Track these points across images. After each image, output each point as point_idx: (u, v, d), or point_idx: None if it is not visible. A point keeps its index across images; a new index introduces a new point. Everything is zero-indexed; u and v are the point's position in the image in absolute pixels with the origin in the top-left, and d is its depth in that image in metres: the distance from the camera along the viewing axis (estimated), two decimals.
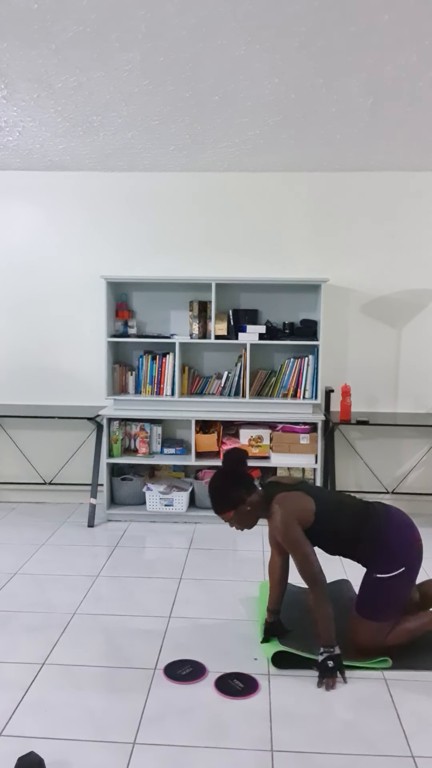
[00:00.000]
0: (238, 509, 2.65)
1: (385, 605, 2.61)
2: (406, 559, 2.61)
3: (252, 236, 4.66)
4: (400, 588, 2.61)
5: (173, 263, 4.70)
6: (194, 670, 2.59)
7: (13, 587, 3.38)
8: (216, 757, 2.10)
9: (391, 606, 2.61)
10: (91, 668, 2.61)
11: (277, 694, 2.45)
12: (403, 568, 2.59)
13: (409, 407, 4.71)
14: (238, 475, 2.71)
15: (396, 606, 2.62)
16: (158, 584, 3.43)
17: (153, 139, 3.85)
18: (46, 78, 2.95)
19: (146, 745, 2.15)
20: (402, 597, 2.63)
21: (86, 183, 4.68)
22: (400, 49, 2.60)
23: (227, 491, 2.66)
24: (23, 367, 4.85)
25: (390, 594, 2.60)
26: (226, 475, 2.72)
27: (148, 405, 4.52)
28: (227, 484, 2.68)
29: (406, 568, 2.59)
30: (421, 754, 2.12)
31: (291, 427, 4.41)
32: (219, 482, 2.70)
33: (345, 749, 2.14)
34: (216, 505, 2.68)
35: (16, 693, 2.44)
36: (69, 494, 4.90)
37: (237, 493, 2.65)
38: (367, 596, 2.64)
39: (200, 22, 2.40)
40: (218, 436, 4.48)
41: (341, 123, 3.51)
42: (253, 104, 3.25)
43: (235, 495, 2.65)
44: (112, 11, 2.33)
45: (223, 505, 2.66)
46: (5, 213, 4.74)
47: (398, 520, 2.68)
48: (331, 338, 4.66)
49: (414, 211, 4.57)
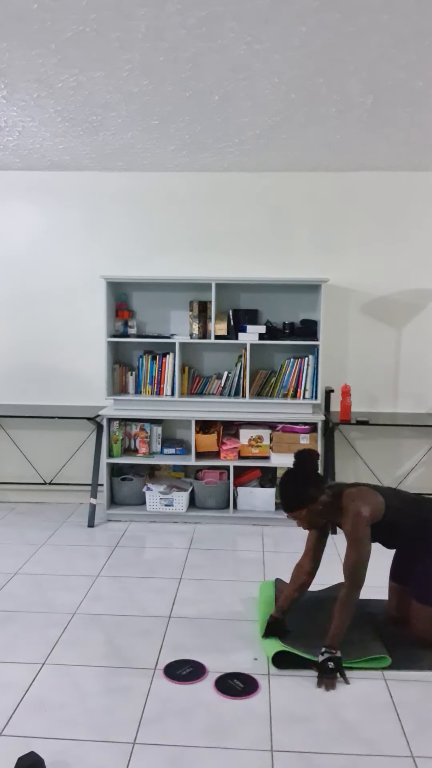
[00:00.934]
0: (310, 508, 2.69)
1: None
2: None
3: (252, 236, 4.66)
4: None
5: (173, 263, 4.70)
6: (194, 670, 2.59)
7: (13, 587, 3.38)
8: (216, 757, 2.10)
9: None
10: (91, 668, 2.62)
11: (277, 694, 2.45)
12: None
13: (409, 407, 4.71)
14: (310, 475, 2.75)
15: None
16: (158, 584, 3.43)
17: (153, 139, 3.85)
18: (46, 78, 2.95)
19: (146, 745, 2.16)
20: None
21: (86, 183, 4.68)
22: (400, 49, 2.60)
23: (301, 490, 2.70)
24: (23, 367, 4.85)
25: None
26: (300, 475, 2.75)
27: (148, 405, 4.52)
28: (300, 484, 2.71)
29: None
30: (421, 754, 2.12)
31: (291, 427, 4.41)
32: (292, 482, 2.73)
33: (345, 749, 2.14)
34: (289, 504, 2.71)
35: (16, 693, 2.44)
36: (69, 494, 4.90)
37: (310, 493, 2.69)
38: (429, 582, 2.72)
39: (200, 22, 2.40)
40: (218, 436, 4.48)
41: (341, 123, 3.51)
42: (253, 104, 3.25)
43: (308, 494, 2.69)
44: (112, 11, 2.33)
45: (296, 504, 2.69)
46: (5, 213, 4.74)
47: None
48: (331, 338, 4.66)
49: (414, 211, 4.57)
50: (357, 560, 2.59)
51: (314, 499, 2.69)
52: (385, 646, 2.69)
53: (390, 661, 2.60)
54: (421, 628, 2.73)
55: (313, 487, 2.71)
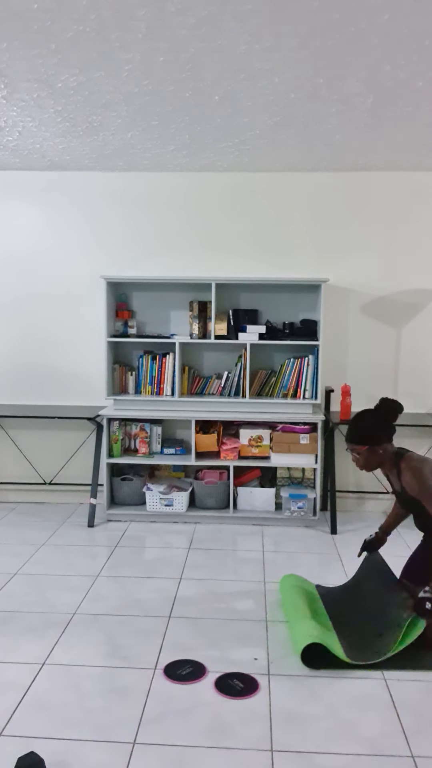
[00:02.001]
0: (372, 449, 2.78)
1: None
2: None
3: (252, 236, 4.66)
4: None
5: (173, 263, 4.70)
6: (194, 670, 2.59)
7: (13, 587, 3.38)
8: (216, 757, 2.10)
9: None
10: (91, 668, 2.62)
11: (277, 694, 2.45)
12: None
13: (409, 407, 4.71)
14: (385, 421, 2.83)
15: None
16: (158, 584, 3.43)
17: (153, 139, 3.85)
18: (46, 78, 2.96)
19: (146, 745, 2.16)
20: None
21: (86, 183, 4.68)
22: (400, 49, 2.60)
23: (371, 428, 2.81)
24: (23, 367, 4.85)
25: None
26: (379, 416, 2.84)
27: (148, 405, 4.52)
28: (374, 423, 2.82)
29: None
30: (421, 754, 2.12)
31: (291, 427, 4.41)
32: (367, 418, 2.85)
33: (345, 749, 2.14)
34: (356, 436, 2.80)
35: (16, 693, 2.44)
36: (69, 494, 4.90)
37: (378, 435, 2.79)
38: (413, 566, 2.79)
39: (200, 22, 2.40)
40: (218, 436, 4.48)
41: (341, 123, 3.52)
42: (253, 104, 3.25)
43: (376, 435, 2.79)
44: (112, 11, 2.33)
45: (362, 438, 2.79)
46: (5, 213, 4.74)
47: None
48: (331, 338, 4.66)
49: (414, 211, 4.57)
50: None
51: (378, 442, 2.78)
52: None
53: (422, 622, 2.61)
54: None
55: (384, 433, 2.80)
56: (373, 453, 2.79)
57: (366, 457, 2.80)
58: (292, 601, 3.00)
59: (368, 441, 2.78)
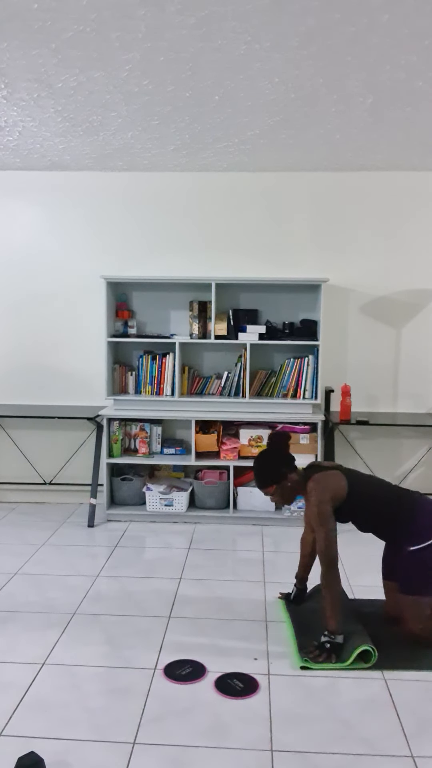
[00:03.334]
0: (281, 484, 2.87)
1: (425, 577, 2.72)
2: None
3: (252, 236, 4.66)
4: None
5: (173, 263, 4.70)
6: (194, 670, 2.59)
7: (13, 587, 3.38)
8: (216, 757, 2.10)
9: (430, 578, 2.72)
10: (91, 668, 2.62)
11: (277, 694, 2.45)
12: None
13: (408, 407, 4.71)
14: (282, 454, 2.92)
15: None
16: (158, 584, 3.43)
17: (153, 139, 3.85)
18: (46, 78, 2.95)
19: (146, 745, 2.15)
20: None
21: (86, 183, 4.68)
22: (400, 49, 2.60)
23: (271, 467, 2.88)
24: (23, 367, 4.85)
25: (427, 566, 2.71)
26: (272, 453, 2.93)
27: (148, 405, 4.52)
28: (272, 461, 2.90)
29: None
30: (421, 754, 2.12)
31: (291, 427, 4.41)
32: (265, 459, 2.92)
33: (345, 749, 2.14)
34: (260, 480, 2.90)
35: (16, 693, 2.44)
36: (69, 494, 4.90)
37: (280, 470, 2.87)
38: (407, 572, 2.77)
39: (200, 22, 2.40)
40: (218, 436, 4.48)
41: (341, 123, 3.51)
42: (253, 104, 3.25)
43: (278, 471, 2.87)
44: (112, 11, 2.33)
45: (267, 479, 2.88)
46: (5, 213, 4.74)
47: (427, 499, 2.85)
48: (331, 338, 4.66)
49: (414, 211, 4.57)
50: (325, 541, 2.69)
51: (284, 476, 2.86)
52: (382, 646, 2.68)
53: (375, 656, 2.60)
54: (409, 618, 2.74)
55: (285, 465, 2.88)
56: (283, 488, 2.88)
57: (280, 493, 2.89)
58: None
59: (273, 479, 2.86)
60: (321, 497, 2.73)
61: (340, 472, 2.85)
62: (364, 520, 2.85)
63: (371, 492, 2.83)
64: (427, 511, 2.76)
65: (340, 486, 2.78)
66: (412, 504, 2.79)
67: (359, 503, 2.80)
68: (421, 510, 2.76)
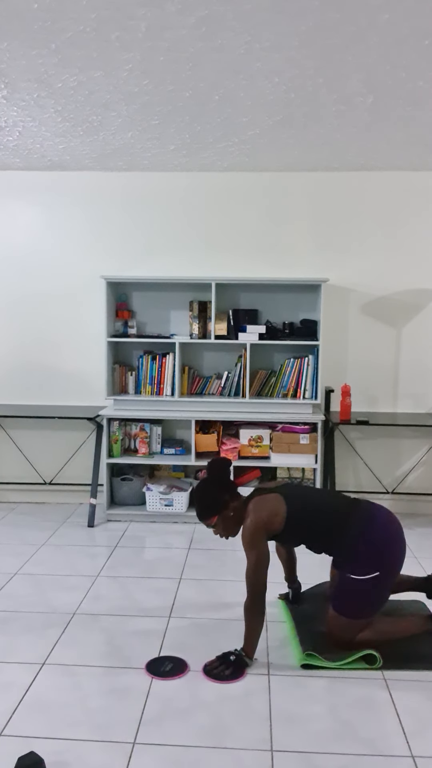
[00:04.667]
0: (222, 515, 2.71)
1: (358, 605, 2.65)
2: (381, 565, 2.62)
3: (252, 236, 4.66)
4: (372, 591, 2.63)
5: (173, 263, 4.70)
6: (175, 665, 2.62)
7: (13, 587, 3.38)
8: (216, 757, 2.10)
9: (364, 606, 2.65)
10: (91, 668, 2.62)
11: (277, 694, 2.45)
12: (377, 573, 2.60)
13: (408, 407, 4.71)
14: (221, 482, 2.76)
15: (370, 607, 2.66)
16: (158, 584, 3.43)
17: (153, 139, 3.85)
18: (46, 78, 2.95)
19: (146, 745, 2.16)
20: (377, 599, 2.66)
21: (86, 183, 4.68)
22: (400, 49, 2.60)
23: (211, 497, 2.72)
24: (23, 367, 4.85)
25: (363, 595, 2.63)
26: (211, 482, 2.76)
27: (148, 405, 4.52)
28: (212, 491, 2.73)
29: (381, 573, 2.61)
30: (421, 754, 2.12)
31: (291, 427, 4.41)
32: (204, 489, 2.75)
33: (345, 749, 2.14)
34: (201, 511, 2.73)
35: (16, 693, 2.44)
36: (69, 494, 4.90)
37: (221, 499, 2.70)
38: (341, 594, 2.69)
39: (200, 22, 2.40)
40: (218, 436, 4.48)
41: (341, 123, 3.51)
42: (253, 104, 3.25)
43: (219, 501, 2.70)
44: (112, 11, 2.33)
45: (207, 510, 2.71)
46: (5, 213, 4.74)
47: (382, 523, 2.68)
48: (331, 338, 4.65)
49: (414, 211, 4.57)
50: (253, 570, 2.62)
51: (227, 506, 2.70)
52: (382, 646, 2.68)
53: (379, 662, 2.60)
54: (333, 633, 2.68)
55: (226, 494, 2.71)
56: (225, 518, 2.71)
57: (222, 525, 2.72)
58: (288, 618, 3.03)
59: (214, 510, 2.70)
60: (253, 523, 2.61)
61: (281, 495, 2.68)
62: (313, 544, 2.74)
63: (315, 515, 2.69)
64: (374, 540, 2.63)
65: (277, 511, 2.63)
66: (359, 532, 2.63)
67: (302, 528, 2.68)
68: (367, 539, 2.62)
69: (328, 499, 2.82)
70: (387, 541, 2.65)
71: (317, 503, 2.77)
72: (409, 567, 3.62)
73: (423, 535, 4.25)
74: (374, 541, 2.63)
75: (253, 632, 2.63)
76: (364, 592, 2.63)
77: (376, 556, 2.62)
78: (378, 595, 2.65)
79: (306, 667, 2.62)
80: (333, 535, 2.67)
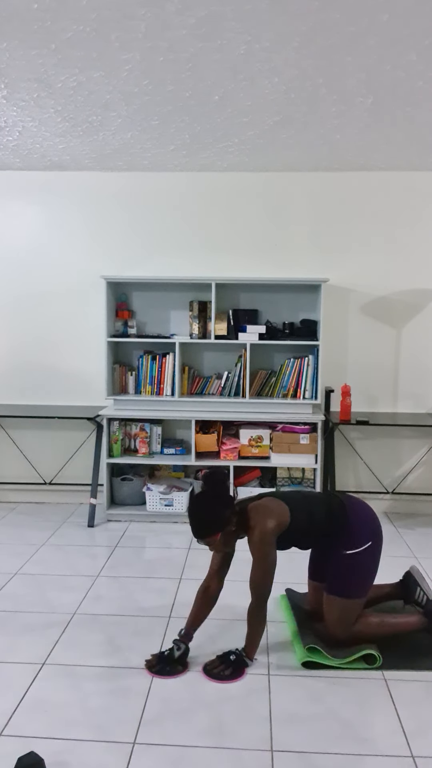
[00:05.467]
0: (225, 531, 2.59)
1: (355, 581, 2.68)
2: (370, 535, 2.71)
3: (252, 236, 4.66)
4: (368, 562, 2.70)
5: (173, 263, 4.70)
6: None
7: (13, 587, 3.38)
8: (216, 757, 2.10)
9: (360, 581, 2.69)
10: (91, 668, 2.62)
11: (277, 694, 2.45)
12: (369, 542, 2.68)
13: (409, 407, 4.71)
14: (222, 497, 2.65)
15: (363, 581, 2.70)
16: (158, 584, 3.43)
17: (153, 139, 3.85)
18: (46, 78, 2.96)
19: (146, 745, 2.16)
20: (369, 571, 2.72)
21: (86, 183, 4.68)
22: (400, 49, 2.60)
23: (214, 514, 2.58)
24: (23, 367, 4.85)
25: (359, 569, 2.69)
26: (212, 498, 2.63)
27: (148, 405, 4.52)
28: (214, 507, 2.59)
29: (372, 542, 2.69)
30: (421, 754, 2.12)
31: (291, 427, 4.41)
32: (204, 506, 2.60)
33: (345, 749, 2.14)
34: (202, 530, 2.56)
35: (16, 693, 2.44)
36: (69, 494, 4.90)
37: (224, 516, 2.58)
38: (338, 574, 2.71)
39: (200, 22, 2.40)
40: (218, 436, 4.48)
41: (341, 123, 3.51)
42: (253, 104, 3.25)
43: (223, 517, 2.58)
44: (112, 11, 2.33)
45: (210, 529, 2.57)
46: (5, 213, 4.74)
47: (356, 503, 2.80)
48: (331, 338, 4.66)
49: (414, 211, 4.57)
50: (263, 576, 2.59)
51: (228, 522, 2.59)
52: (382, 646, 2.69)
53: (379, 660, 2.61)
54: (330, 618, 2.69)
55: (228, 508, 2.60)
56: (227, 534, 2.60)
57: (224, 540, 2.60)
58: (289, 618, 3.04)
59: (218, 528, 2.56)
60: (265, 526, 2.55)
61: (274, 497, 2.70)
62: (306, 539, 2.74)
63: (307, 509, 2.69)
64: (359, 514, 2.70)
65: (282, 511, 2.62)
66: (342, 509, 2.69)
67: (300, 525, 2.66)
68: (353, 514, 2.69)
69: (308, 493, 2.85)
70: (367, 514, 2.76)
71: (304, 496, 2.81)
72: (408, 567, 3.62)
73: (423, 535, 4.25)
74: (358, 516, 2.72)
75: (256, 635, 2.64)
76: (360, 565, 2.68)
77: (365, 526, 2.70)
78: (372, 567, 2.72)
79: (307, 665, 2.62)
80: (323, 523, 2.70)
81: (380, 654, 2.62)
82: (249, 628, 2.65)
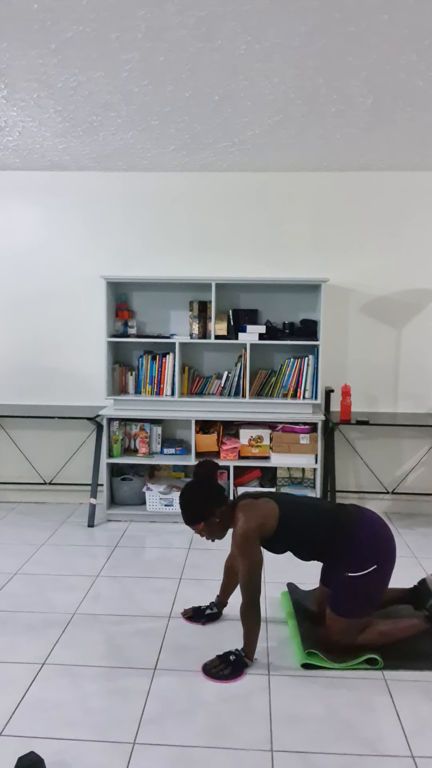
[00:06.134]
0: (208, 521, 2.70)
1: (357, 603, 2.65)
2: (377, 558, 2.63)
3: (252, 236, 4.66)
4: (371, 586, 2.64)
5: (173, 263, 4.70)
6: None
7: (13, 587, 3.38)
8: (216, 757, 2.10)
9: (363, 604, 2.65)
10: (91, 668, 2.62)
11: (277, 694, 2.45)
12: (374, 566, 2.61)
13: (409, 407, 4.71)
14: (208, 488, 2.75)
15: (368, 604, 2.66)
16: (158, 584, 3.43)
17: (153, 139, 3.85)
18: (46, 78, 2.95)
19: (146, 745, 2.16)
20: (374, 595, 2.68)
21: (86, 183, 4.68)
22: (400, 49, 2.60)
23: (197, 504, 2.71)
24: (23, 367, 4.85)
25: (362, 592, 2.64)
26: (197, 488, 2.75)
27: (148, 405, 4.52)
28: (197, 497, 2.72)
29: (378, 566, 2.62)
30: (421, 754, 2.12)
31: (291, 427, 4.41)
32: (189, 495, 2.74)
33: (345, 749, 2.14)
34: (186, 517, 2.73)
35: (16, 693, 2.44)
36: (69, 494, 4.90)
37: (207, 506, 2.70)
38: (340, 594, 2.68)
39: (200, 22, 2.40)
40: (218, 436, 4.48)
41: (341, 123, 3.51)
42: (253, 104, 3.25)
43: (205, 507, 2.70)
44: (112, 11, 2.33)
45: (193, 517, 2.71)
46: (5, 213, 4.74)
47: (370, 519, 2.72)
48: (331, 338, 4.66)
49: (414, 211, 4.57)
50: (247, 573, 2.60)
51: (213, 512, 2.69)
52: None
53: (381, 664, 2.60)
54: (333, 635, 2.68)
55: (212, 500, 2.71)
56: (211, 523, 2.70)
57: (208, 530, 2.72)
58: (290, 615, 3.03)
59: (199, 517, 2.69)
60: (246, 525, 2.59)
61: (271, 499, 2.71)
62: (303, 549, 2.74)
63: (305, 518, 2.69)
64: (367, 535, 2.65)
65: (269, 513, 2.64)
66: (349, 528, 2.66)
67: (293, 531, 2.67)
68: (360, 534, 2.65)
69: (317, 502, 2.85)
70: (378, 534, 2.68)
71: (307, 504, 2.79)
72: (409, 567, 3.63)
73: (423, 535, 4.25)
74: (366, 536, 2.66)
75: (251, 635, 2.64)
76: (363, 588, 2.63)
77: (371, 549, 2.64)
78: (377, 590, 2.67)
79: (306, 666, 2.62)
80: (324, 537, 2.68)
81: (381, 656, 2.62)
82: (244, 628, 2.65)
